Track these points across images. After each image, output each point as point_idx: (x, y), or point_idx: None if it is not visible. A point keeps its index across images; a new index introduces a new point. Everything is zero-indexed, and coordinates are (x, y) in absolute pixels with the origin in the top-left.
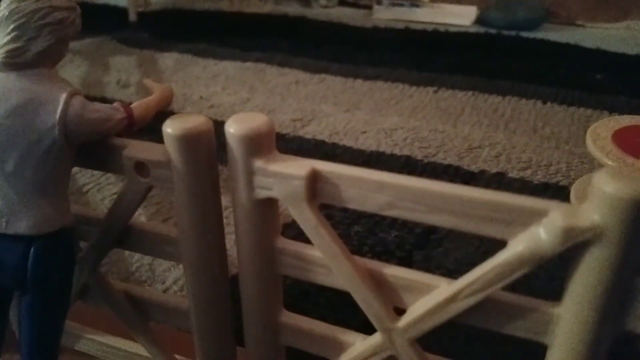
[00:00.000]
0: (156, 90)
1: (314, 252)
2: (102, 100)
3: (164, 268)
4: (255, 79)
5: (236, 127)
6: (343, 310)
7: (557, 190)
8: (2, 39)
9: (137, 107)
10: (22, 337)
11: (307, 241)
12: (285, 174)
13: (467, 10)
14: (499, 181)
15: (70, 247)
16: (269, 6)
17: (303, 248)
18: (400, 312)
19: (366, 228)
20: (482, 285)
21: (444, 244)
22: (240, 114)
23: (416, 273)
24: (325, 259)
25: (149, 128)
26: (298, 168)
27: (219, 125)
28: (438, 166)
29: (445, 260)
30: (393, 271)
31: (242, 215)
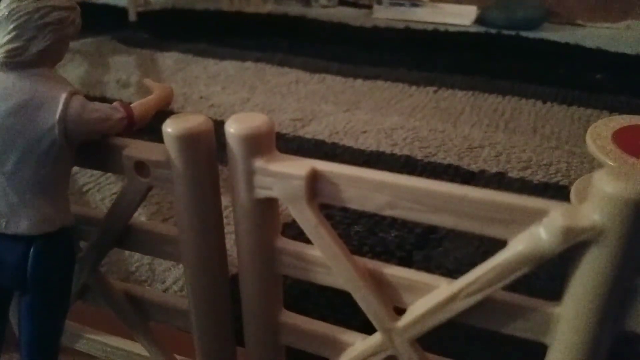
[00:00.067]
0: (156, 89)
1: (314, 252)
2: (102, 100)
3: (164, 268)
4: (255, 79)
5: (236, 127)
6: (343, 310)
7: (557, 190)
8: (2, 39)
9: (137, 107)
10: (22, 337)
11: (307, 241)
12: (285, 174)
13: (467, 10)
14: (499, 181)
15: (70, 247)
16: (269, 6)
17: (303, 248)
18: (400, 312)
19: (366, 228)
20: (482, 285)
21: (444, 244)
22: (240, 114)
23: (416, 273)
24: (325, 259)
25: (149, 128)
26: (298, 168)
27: (219, 125)
28: (438, 166)
29: (445, 260)
30: (393, 271)
31: (242, 215)
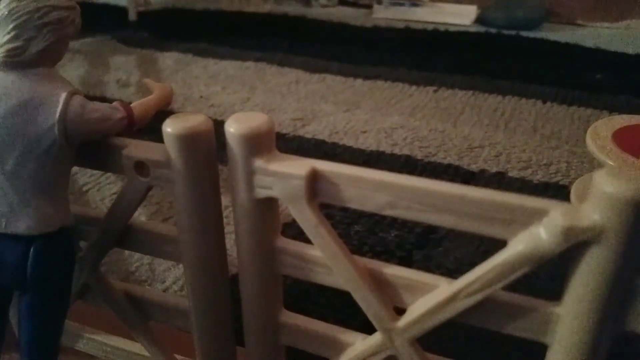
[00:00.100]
0: (156, 89)
1: (314, 252)
2: (102, 99)
3: (164, 268)
4: (255, 79)
5: (236, 127)
6: (343, 310)
7: (557, 189)
8: (2, 39)
9: (137, 107)
10: (22, 337)
11: (307, 241)
12: (285, 174)
13: (467, 9)
14: (499, 181)
15: (70, 247)
16: (269, 5)
17: (303, 248)
18: (400, 312)
19: (366, 227)
20: (482, 284)
21: (444, 244)
22: (240, 114)
23: (416, 273)
24: (325, 259)
25: (149, 127)
26: (298, 167)
27: (219, 124)
28: (438, 166)
29: (445, 259)
30: (393, 271)
31: (242, 214)
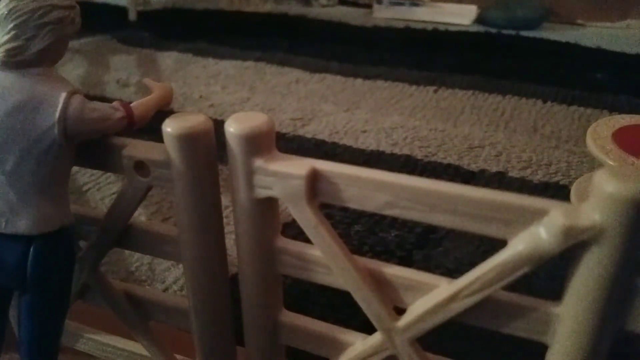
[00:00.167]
0: (156, 89)
1: (314, 252)
2: (102, 99)
3: (164, 267)
4: (255, 78)
5: (236, 127)
6: (343, 309)
7: (557, 189)
8: (2, 38)
9: (137, 106)
10: (22, 337)
11: (307, 241)
12: (285, 174)
13: (467, 9)
14: (499, 180)
15: (70, 247)
16: (269, 5)
17: (303, 247)
18: (400, 312)
19: (366, 227)
20: (482, 284)
21: (444, 244)
22: (240, 113)
23: (416, 272)
24: (325, 259)
25: (149, 127)
26: (298, 167)
27: (219, 124)
28: (438, 165)
29: (445, 259)
30: (393, 271)
31: (242, 214)
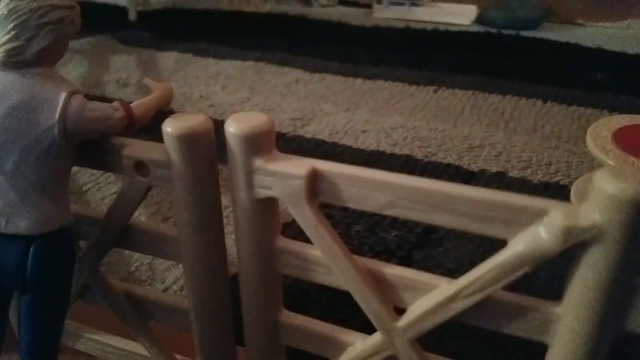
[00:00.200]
0: (156, 89)
1: (314, 252)
2: (102, 99)
3: (164, 267)
4: (255, 78)
5: (236, 127)
6: (343, 309)
7: (557, 189)
8: (2, 38)
9: (137, 106)
10: (22, 337)
11: (307, 240)
12: (285, 173)
13: (467, 9)
14: (499, 180)
15: (70, 247)
16: (269, 5)
17: (303, 247)
18: (400, 312)
19: (366, 227)
20: (483, 284)
21: (444, 244)
22: (240, 113)
23: (416, 272)
24: (325, 259)
25: (149, 127)
26: (298, 167)
27: (219, 124)
28: (438, 165)
29: (445, 259)
30: (393, 270)
31: (242, 214)
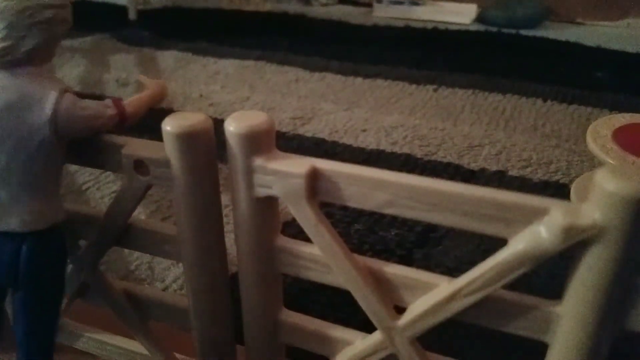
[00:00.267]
0: (149, 86)
1: (314, 251)
2: (102, 98)
3: (164, 267)
4: (255, 77)
5: (236, 125)
6: (343, 308)
7: (558, 188)
8: None
9: (129, 104)
10: (17, 333)
11: (307, 239)
12: (285, 172)
13: (467, 8)
14: (499, 179)
15: (62, 244)
16: (269, 4)
17: (303, 246)
18: (400, 311)
19: (366, 226)
20: (483, 283)
21: (444, 242)
22: (240, 112)
23: (416, 271)
24: (325, 257)
25: (149, 127)
26: (298, 166)
27: (219, 123)
28: (438, 164)
29: (445, 258)
30: (393, 269)
31: (242, 213)
